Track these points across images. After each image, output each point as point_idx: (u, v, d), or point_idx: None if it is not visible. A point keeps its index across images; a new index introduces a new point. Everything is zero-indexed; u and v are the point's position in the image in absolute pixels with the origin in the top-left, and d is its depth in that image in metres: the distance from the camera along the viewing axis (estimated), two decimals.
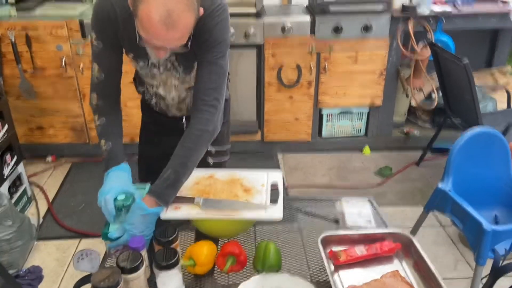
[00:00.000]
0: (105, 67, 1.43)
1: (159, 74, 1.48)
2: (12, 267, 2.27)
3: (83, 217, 2.79)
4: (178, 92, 1.55)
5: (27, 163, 3.28)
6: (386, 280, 1.21)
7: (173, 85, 1.52)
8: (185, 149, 1.34)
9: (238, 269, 1.29)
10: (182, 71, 1.47)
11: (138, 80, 1.63)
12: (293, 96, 3.27)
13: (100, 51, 1.41)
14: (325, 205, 1.62)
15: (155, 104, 1.63)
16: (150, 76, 1.50)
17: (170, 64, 1.45)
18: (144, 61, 1.44)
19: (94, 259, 1.13)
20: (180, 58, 1.43)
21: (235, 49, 3.09)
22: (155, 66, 1.46)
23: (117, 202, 1.27)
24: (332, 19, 3.04)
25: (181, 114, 1.64)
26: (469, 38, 3.70)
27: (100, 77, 1.43)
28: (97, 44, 1.40)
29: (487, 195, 2.11)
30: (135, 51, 1.42)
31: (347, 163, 3.41)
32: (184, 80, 1.51)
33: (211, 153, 1.54)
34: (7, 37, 2.94)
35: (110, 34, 1.38)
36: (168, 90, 1.54)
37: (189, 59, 1.43)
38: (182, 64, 1.45)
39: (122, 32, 1.37)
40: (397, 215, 2.84)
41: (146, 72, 1.49)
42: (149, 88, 1.58)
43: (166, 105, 1.61)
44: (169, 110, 1.63)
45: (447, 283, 1.16)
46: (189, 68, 1.47)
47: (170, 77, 1.49)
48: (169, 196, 1.30)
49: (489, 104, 3.36)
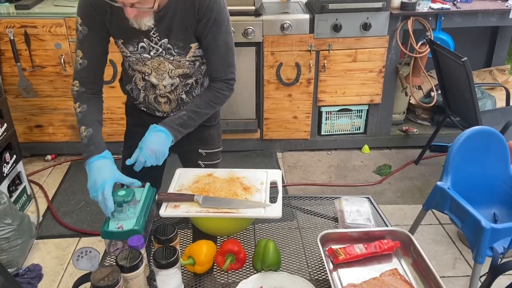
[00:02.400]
0: (89, 53, 1.43)
1: (151, 59, 1.46)
2: (12, 266, 2.27)
3: (83, 216, 2.79)
4: (171, 79, 1.51)
5: (27, 161, 3.28)
6: (385, 278, 1.21)
7: (167, 70, 1.49)
8: (203, 102, 1.48)
9: (237, 267, 1.29)
10: (177, 53, 1.45)
11: (125, 77, 1.61)
12: (292, 94, 3.27)
13: (85, 37, 1.41)
14: (324, 203, 1.62)
15: (143, 99, 1.59)
16: (141, 63, 1.48)
17: (162, 49, 1.44)
18: (134, 45, 1.43)
19: (93, 258, 1.13)
20: (173, 39, 1.42)
21: (234, 47, 3.08)
22: (145, 49, 1.43)
23: (117, 197, 1.26)
24: (331, 17, 3.04)
25: (170, 109, 1.60)
26: (468, 36, 3.70)
27: (84, 64, 1.44)
28: (82, 30, 1.40)
29: (486, 193, 2.11)
30: (125, 36, 1.41)
31: (346, 161, 3.42)
32: (179, 65, 1.48)
33: (201, 155, 1.52)
34: (6, 35, 2.94)
35: (97, 20, 1.39)
36: (161, 77, 1.50)
37: (185, 40, 1.42)
38: (176, 45, 1.43)
39: (110, 17, 1.37)
40: (396, 213, 2.84)
41: (137, 58, 1.46)
42: (138, 81, 1.54)
43: (155, 97, 1.56)
44: (159, 104, 1.58)
45: (446, 281, 1.16)
46: (185, 50, 1.45)
47: (163, 62, 1.47)
48: (179, 132, 1.42)
49: (488, 102, 3.37)
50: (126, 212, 1.27)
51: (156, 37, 1.42)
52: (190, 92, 1.57)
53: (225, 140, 3.40)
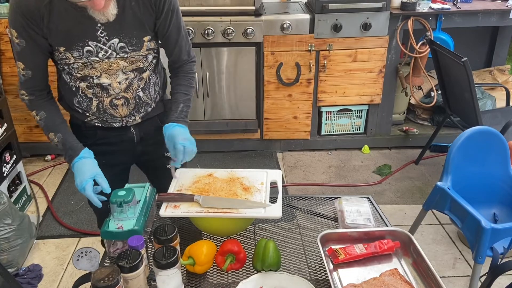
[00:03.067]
0: (31, 64, 1.39)
1: (99, 61, 1.38)
2: (12, 266, 2.27)
3: (83, 216, 2.79)
4: (125, 75, 1.44)
5: (27, 161, 3.28)
6: (385, 278, 1.21)
7: (120, 68, 1.42)
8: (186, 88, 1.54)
9: (237, 267, 1.29)
10: (131, 50, 1.41)
11: (66, 93, 1.51)
12: (292, 94, 3.27)
13: (23, 49, 1.34)
14: (324, 203, 1.62)
15: (96, 109, 1.48)
16: (88, 67, 1.39)
17: (112, 50, 1.38)
18: (78, 50, 1.35)
19: (93, 258, 1.13)
20: (125, 37, 1.38)
21: (234, 47, 3.09)
22: (92, 53, 1.36)
23: (117, 198, 1.26)
24: (331, 17, 3.04)
25: (128, 111, 1.51)
26: (468, 36, 3.70)
27: (28, 74, 1.39)
28: (20, 43, 1.33)
29: (486, 193, 2.11)
30: (66, 42, 1.34)
31: (346, 161, 3.42)
32: (133, 60, 1.43)
33: (169, 158, 1.49)
34: (6, 35, 2.94)
35: (33, 31, 1.31)
36: (114, 75, 1.43)
37: (139, 35, 1.40)
38: (129, 42, 1.40)
39: (47, 23, 1.30)
40: (396, 213, 2.84)
41: (83, 62, 1.38)
42: (85, 90, 1.45)
43: (111, 101, 1.47)
44: (116, 108, 1.49)
45: (446, 281, 1.16)
46: (139, 45, 1.42)
47: (115, 62, 1.40)
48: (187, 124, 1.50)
49: (488, 102, 3.37)
50: (126, 212, 1.27)
51: (104, 36, 1.35)
52: (146, 88, 1.52)
53: (225, 140, 3.46)
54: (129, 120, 1.54)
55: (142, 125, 1.59)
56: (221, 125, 3.36)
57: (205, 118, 3.34)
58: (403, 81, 3.33)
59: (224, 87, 3.24)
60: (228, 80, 3.21)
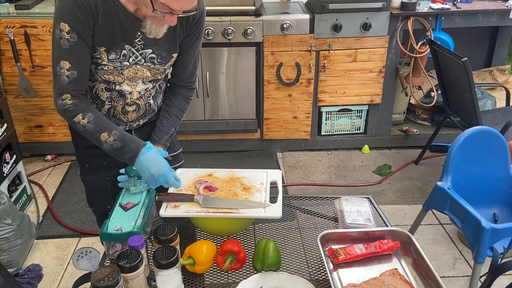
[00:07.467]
0: (79, 64, 1.32)
1: (129, 67, 1.39)
2: (12, 266, 2.27)
3: (83, 216, 2.79)
4: (144, 85, 1.46)
5: (27, 161, 3.28)
6: (385, 278, 1.21)
7: (142, 77, 1.43)
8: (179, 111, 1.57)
9: (237, 267, 1.29)
10: (159, 63, 1.43)
11: None
12: (292, 94, 3.27)
13: (72, 46, 1.28)
14: (324, 203, 1.62)
15: (107, 112, 1.48)
16: (117, 71, 1.39)
17: (142, 57, 1.39)
18: (117, 53, 1.35)
19: (93, 258, 1.13)
20: (158, 50, 1.40)
21: (234, 47, 3.09)
22: (126, 57, 1.37)
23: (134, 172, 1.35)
24: (331, 17, 3.04)
25: (136, 116, 1.53)
26: (468, 36, 3.71)
27: (73, 75, 1.31)
28: (70, 38, 1.27)
29: (486, 193, 2.11)
30: (109, 43, 1.33)
31: (346, 161, 3.42)
32: (157, 72, 1.46)
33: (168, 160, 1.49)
34: (6, 35, 2.94)
35: (88, 25, 1.27)
36: (135, 84, 1.44)
37: (169, 50, 1.42)
38: (160, 55, 1.41)
39: (101, 21, 1.28)
40: (396, 213, 2.84)
41: (115, 66, 1.37)
42: (100, 92, 1.44)
43: (123, 107, 1.48)
44: (126, 114, 1.50)
45: (446, 281, 1.16)
46: (167, 59, 1.44)
47: (141, 69, 1.41)
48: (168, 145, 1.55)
49: (488, 102, 3.37)
50: (142, 184, 1.37)
51: (140, 44, 1.37)
52: (157, 96, 1.55)
53: (225, 140, 3.46)
54: (133, 124, 1.56)
55: (143, 128, 1.60)
56: (221, 125, 3.36)
57: (205, 118, 3.34)
58: (403, 81, 3.33)
59: (224, 87, 3.24)
60: (228, 80, 3.21)
